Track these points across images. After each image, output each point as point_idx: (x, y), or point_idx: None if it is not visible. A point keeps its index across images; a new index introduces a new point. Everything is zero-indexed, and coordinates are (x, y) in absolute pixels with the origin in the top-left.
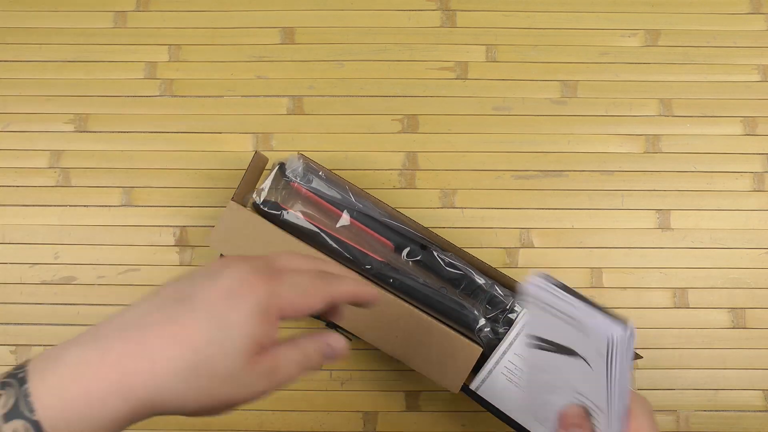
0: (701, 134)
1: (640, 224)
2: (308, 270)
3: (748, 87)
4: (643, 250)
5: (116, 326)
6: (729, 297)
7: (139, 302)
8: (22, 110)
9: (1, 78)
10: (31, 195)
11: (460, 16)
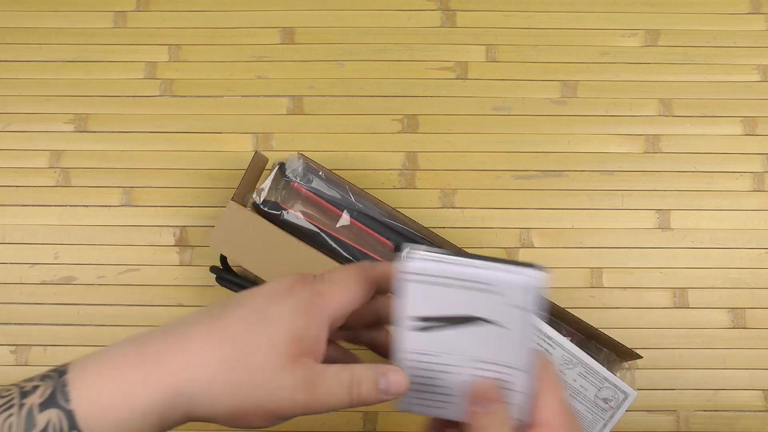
0: (701, 134)
1: (640, 224)
2: (347, 267)
3: (748, 87)
4: (643, 250)
5: (161, 328)
6: (729, 297)
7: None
8: (22, 110)
9: (1, 78)
10: (31, 195)
11: (460, 16)
